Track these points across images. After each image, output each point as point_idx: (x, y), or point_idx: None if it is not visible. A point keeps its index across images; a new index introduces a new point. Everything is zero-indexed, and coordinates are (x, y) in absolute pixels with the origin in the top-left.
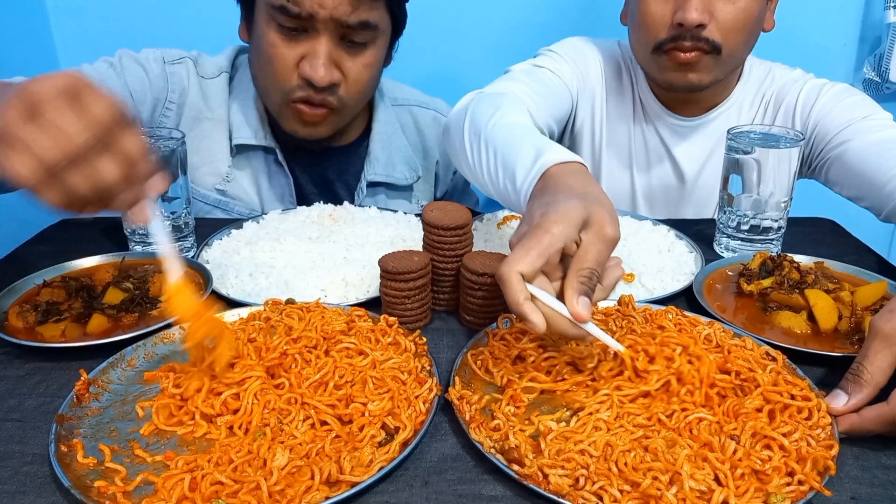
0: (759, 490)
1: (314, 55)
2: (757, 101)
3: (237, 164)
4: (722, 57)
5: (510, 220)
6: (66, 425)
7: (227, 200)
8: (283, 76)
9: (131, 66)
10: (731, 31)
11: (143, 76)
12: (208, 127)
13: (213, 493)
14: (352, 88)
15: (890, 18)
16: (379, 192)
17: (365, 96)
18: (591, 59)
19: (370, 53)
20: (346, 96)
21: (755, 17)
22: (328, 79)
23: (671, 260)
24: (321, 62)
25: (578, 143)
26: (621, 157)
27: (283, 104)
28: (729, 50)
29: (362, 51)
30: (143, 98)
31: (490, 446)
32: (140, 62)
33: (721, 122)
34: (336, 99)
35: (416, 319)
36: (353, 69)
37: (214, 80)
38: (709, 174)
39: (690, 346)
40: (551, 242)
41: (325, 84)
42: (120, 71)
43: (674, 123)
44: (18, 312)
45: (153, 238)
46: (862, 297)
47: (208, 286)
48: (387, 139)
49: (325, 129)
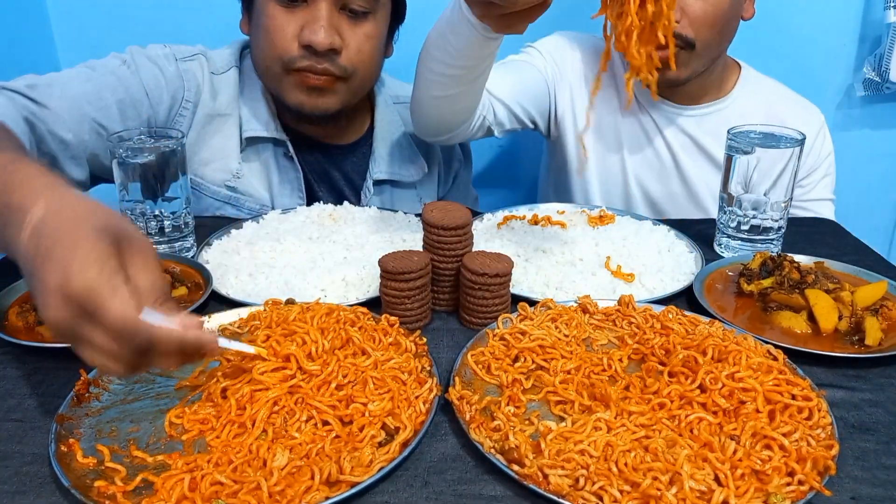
0: (760, 490)
1: (314, 20)
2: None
3: (247, 159)
4: (697, 51)
5: (510, 220)
6: (67, 425)
7: (237, 196)
8: (283, 47)
9: (146, 65)
10: (703, 26)
11: (159, 75)
12: (218, 123)
13: (213, 493)
14: (354, 58)
15: (890, 18)
16: (385, 191)
17: (369, 72)
18: (568, 53)
19: (370, 24)
20: (348, 66)
21: (726, 10)
22: (328, 41)
23: (671, 260)
24: (321, 25)
25: (562, 130)
26: (609, 143)
27: (284, 74)
28: (703, 44)
29: (362, 21)
30: (159, 97)
31: (490, 446)
32: (154, 60)
33: (715, 119)
34: (338, 68)
35: (416, 319)
36: (354, 38)
37: (225, 75)
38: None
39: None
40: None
41: (326, 47)
42: (135, 69)
43: (668, 110)
44: (18, 312)
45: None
46: (862, 297)
47: (208, 286)
48: (389, 137)
49: (332, 101)
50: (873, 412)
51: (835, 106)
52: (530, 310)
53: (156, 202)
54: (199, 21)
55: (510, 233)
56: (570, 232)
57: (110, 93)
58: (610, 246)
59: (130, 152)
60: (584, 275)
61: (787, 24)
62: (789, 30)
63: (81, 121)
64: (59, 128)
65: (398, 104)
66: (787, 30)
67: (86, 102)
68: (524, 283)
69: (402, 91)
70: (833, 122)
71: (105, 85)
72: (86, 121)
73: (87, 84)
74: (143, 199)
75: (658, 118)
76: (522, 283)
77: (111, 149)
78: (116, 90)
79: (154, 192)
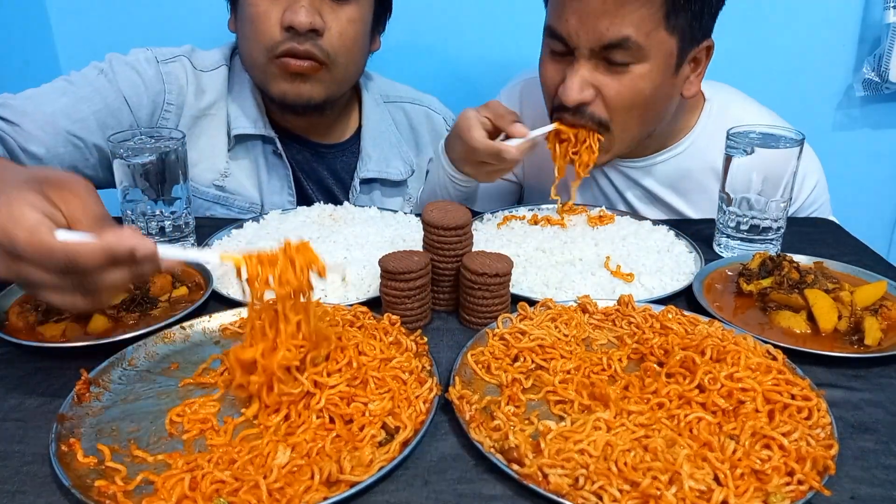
0: (759, 490)
1: (295, 1)
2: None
3: (235, 157)
4: (613, 133)
5: (510, 221)
6: (67, 425)
7: (226, 196)
8: (266, 32)
9: (123, 71)
10: (618, 109)
11: (137, 80)
12: (206, 123)
13: (214, 491)
14: (335, 41)
15: (890, 18)
16: (374, 189)
17: (352, 60)
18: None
19: (353, 8)
20: (331, 50)
21: (645, 95)
22: (309, 20)
23: (671, 260)
24: (302, 6)
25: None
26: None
27: (268, 63)
28: (620, 126)
29: (344, 4)
30: (139, 103)
31: (490, 446)
32: (132, 66)
33: (665, 167)
34: (320, 51)
35: (417, 319)
36: (336, 22)
37: (213, 73)
38: (655, 213)
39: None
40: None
41: (307, 26)
42: (112, 77)
43: (618, 163)
44: (19, 312)
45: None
46: (861, 297)
47: (208, 286)
48: (379, 136)
49: (316, 90)
50: (873, 412)
51: (835, 106)
52: (530, 310)
53: (156, 202)
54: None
55: (510, 233)
56: (569, 232)
57: (87, 105)
58: (609, 246)
59: (131, 152)
60: (583, 275)
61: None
62: (789, 30)
63: (56, 135)
64: (31, 144)
65: (388, 103)
66: (787, 30)
67: (62, 117)
68: (524, 283)
69: (392, 89)
70: (833, 122)
71: (82, 97)
72: (60, 135)
73: (62, 98)
74: (144, 200)
75: (609, 172)
76: (522, 283)
77: (112, 149)
78: (93, 101)
79: (155, 192)
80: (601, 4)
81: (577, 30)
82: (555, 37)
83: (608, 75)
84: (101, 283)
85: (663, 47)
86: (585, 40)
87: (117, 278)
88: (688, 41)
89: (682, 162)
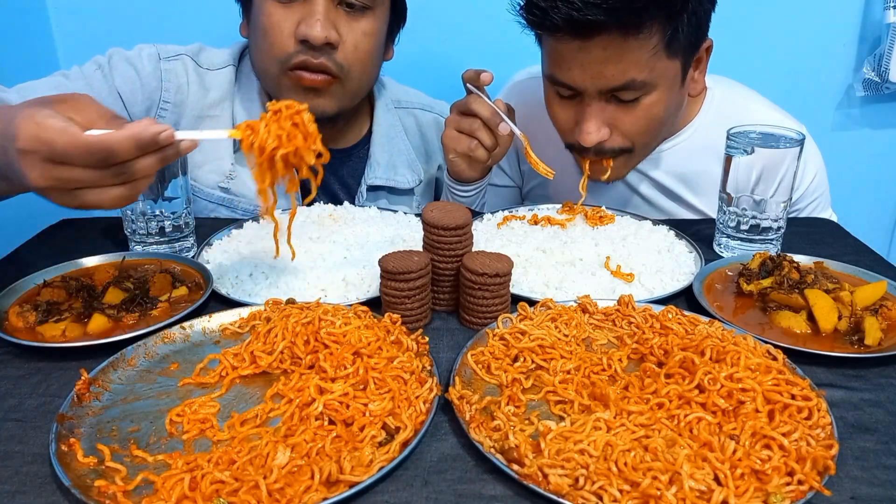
0: (759, 490)
1: (311, 15)
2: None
3: (241, 160)
4: (635, 153)
5: (510, 221)
6: (67, 425)
7: (231, 198)
8: (280, 44)
9: (120, 66)
10: (636, 135)
11: (133, 76)
12: (210, 125)
13: (214, 492)
14: (350, 55)
15: (890, 18)
16: (381, 197)
17: (366, 72)
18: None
19: (368, 21)
20: (345, 63)
21: (660, 116)
22: (324, 35)
23: (671, 260)
24: (317, 19)
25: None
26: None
27: (280, 75)
28: (640, 146)
29: (360, 16)
30: (133, 99)
31: (490, 446)
32: (131, 61)
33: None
34: (334, 64)
35: (417, 319)
36: (351, 34)
37: (218, 72)
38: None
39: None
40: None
41: (322, 41)
42: (108, 72)
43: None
44: (18, 312)
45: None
46: (861, 297)
47: (208, 286)
48: (388, 142)
49: (329, 103)
50: (873, 412)
51: (835, 106)
52: (530, 310)
53: (156, 202)
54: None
55: (510, 233)
56: (569, 232)
57: None
58: (610, 246)
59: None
60: (583, 275)
61: (786, 25)
62: (789, 30)
63: None
64: None
65: (399, 108)
66: (787, 30)
67: None
68: (524, 283)
69: (403, 94)
70: (833, 122)
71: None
72: None
73: (54, 92)
74: (144, 199)
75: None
76: (522, 283)
77: None
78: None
79: (154, 192)
80: (602, 52)
81: (582, 79)
82: (559, 84)
83: (620, 110)
84: (137, 171)
85: (668, 73)
86: (592, 85)
87: (148, 164)
88: (689, 55)
89: (689, 146)
